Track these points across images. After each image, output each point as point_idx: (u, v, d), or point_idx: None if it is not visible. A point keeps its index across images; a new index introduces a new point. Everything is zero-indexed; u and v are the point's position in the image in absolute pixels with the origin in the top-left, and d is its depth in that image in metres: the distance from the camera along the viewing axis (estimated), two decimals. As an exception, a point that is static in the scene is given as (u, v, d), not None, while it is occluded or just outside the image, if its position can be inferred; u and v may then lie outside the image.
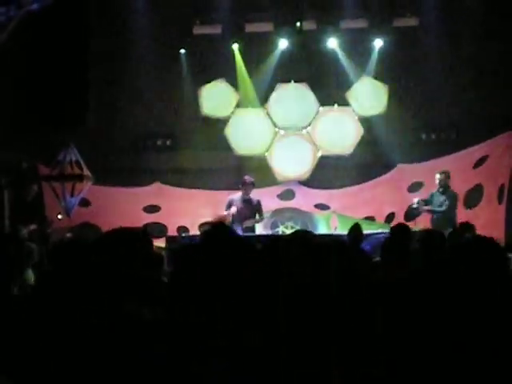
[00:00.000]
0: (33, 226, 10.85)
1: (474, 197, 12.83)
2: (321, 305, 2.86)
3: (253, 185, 11.40)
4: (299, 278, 2.91)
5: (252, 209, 11.34)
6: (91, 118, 14.01)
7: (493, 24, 13.31)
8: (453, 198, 11.46)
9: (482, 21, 13.42)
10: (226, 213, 11.21)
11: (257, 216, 11.44)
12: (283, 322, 2.80)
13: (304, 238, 3.69)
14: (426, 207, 11.56)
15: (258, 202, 11.42)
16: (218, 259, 2.96)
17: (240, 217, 11.13)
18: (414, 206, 11.66)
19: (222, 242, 3.10)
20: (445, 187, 11.47)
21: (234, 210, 11.13)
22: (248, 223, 11.25)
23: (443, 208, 11.33)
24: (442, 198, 11.44)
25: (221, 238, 3.14)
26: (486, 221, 11.69)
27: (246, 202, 11.29)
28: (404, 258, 5.24)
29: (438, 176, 11.56)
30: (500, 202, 12.61)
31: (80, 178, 12.30)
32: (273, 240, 3.71)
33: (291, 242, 3.62)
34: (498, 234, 11.10)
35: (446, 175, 11.56)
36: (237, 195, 11.39)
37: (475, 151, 13.00)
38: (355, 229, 8.34)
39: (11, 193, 12.45)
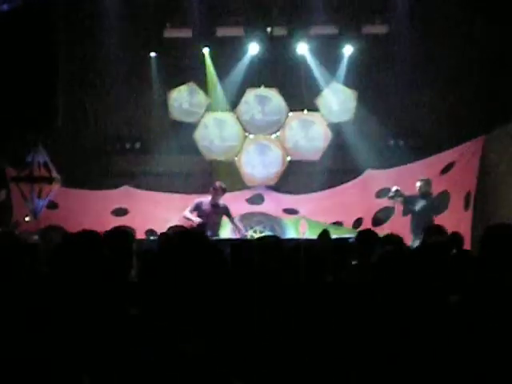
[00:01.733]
0: (-2, 229, 10.74)
1: (440, 203, 12.92)
2: (289, 305, 2.89)
3: (223, 191, 11.44)
4: (268, 279, 2.94)
5: (219, 213, 11.44)
6: (60, 120, 13.96)
7: (463, 31, 13.45)
8: (430, 203, 11.47)
9: (452, 28, 13.57)
10: (190, 215, 11.26)
11: (222, 219, 11.53)
12: (255, 321, 2.83)
13: (273, 242, 3.73)
14: (400, 199, 11.54)
15: (225, 207, 11.48)
16: (188, 263, 2.98)
17: (208, 221, 11.18)
18: (391, 194, 11.62)
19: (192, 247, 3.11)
20: (425, 194, 11.48)
21: (198, 220, 11.16)
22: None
23: (416, 208, 11.31)
24: (422, 201, 11.44)
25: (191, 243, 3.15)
26: (451, 227, 11.75)
27: (214, 206, 11.38)
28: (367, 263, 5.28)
29: (418, 184, 11.54)
30: (466, 209, 12.73)
31: (49, 180, 12.20)
32: (242, 244, 3.74)
33: (260, 246, 3.65)
34: (464, 237, 11.18)
35: (427, 182, 11.58)
36: (205, 199, 11.42)
37: (442, 157, 13.11)
38: (324, 235, 8.33)
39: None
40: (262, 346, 2.91)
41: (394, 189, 11.57)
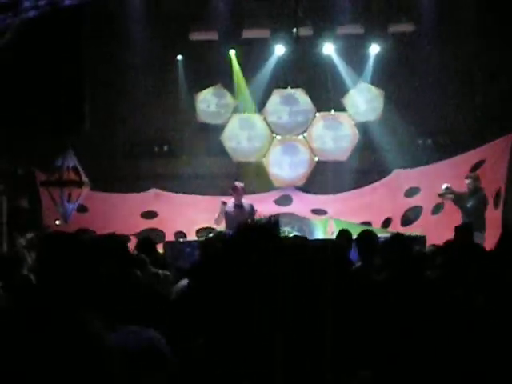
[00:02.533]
0: (30, 235, 10.85)
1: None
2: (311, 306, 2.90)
3: (243, 190, 11.36)
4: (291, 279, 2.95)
5: (245, 214, 11.28)
6: (88, 124, 14.04)
7: (489, 30, 13.36)
8: (481, 199, 11.31)
9: (478, 26, 13.48)
10: (216, 217, 11.26)
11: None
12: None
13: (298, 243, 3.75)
14: (451, 196, 11.36)
15: (251, 207, 11.36)
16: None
17: (233, 222, 11.07)
18: (441, 191, 11.46)
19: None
20: (475, 190, 11.30)
21: (221, 221, 11.17)
22: None
23: (467, 205, 11.13)
24: (473, 198, 11.26)
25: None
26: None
27: (238, 207, 11.25)
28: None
29: (467, 181, 11.37)
30: (496, 207, 12.61)
31: (78, 183, 12.31)
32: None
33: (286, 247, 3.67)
34: (494, 238, 11.08)
35: (475, 178, 11.41)
36: (230, 201, 11.36)
37: (472, 156, 13.02)
38: (342, 234, 8.21)
39: (8, 200, 12.46)
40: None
41: (444, 186, 11.41)
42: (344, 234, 8.20)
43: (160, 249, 10.87)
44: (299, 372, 2.78)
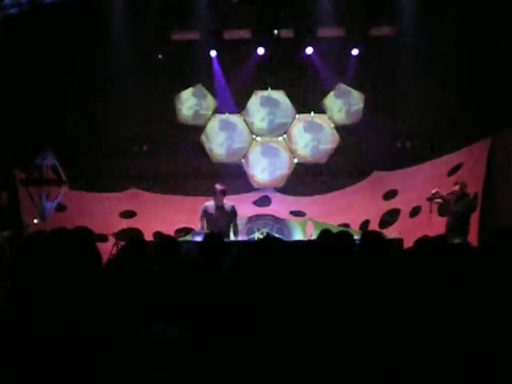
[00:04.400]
0: (7, 232, 10.79)
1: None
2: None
3: (223, 192, 11.24)
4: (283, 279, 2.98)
5: (227, 216, 11.22)
6: (68, 123, 14.02)
7: (470, 33, 13.44)
8: (468, 204, 11.38)
9: (458, 30, 13.55)
10: (202, 224, 11.14)
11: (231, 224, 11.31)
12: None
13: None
14: (439, 200, 11.41)
15: (233, 209, 11.24)
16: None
17: (215, 224, 11.04)
18: (430, 195, 11.46)
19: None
20: (463, 195, 11.35)
21: (203, 224, 11.10)
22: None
23: (455, 209, 11.19)
24: (460, 202, 11.31)
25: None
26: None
27: (220, 209, 11.17)
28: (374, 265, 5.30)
29: (456, 187, 11.38)
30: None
31: (57, 182, 12.29)
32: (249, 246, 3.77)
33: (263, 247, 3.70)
34: (473, 242, 11.18)
35: (463, 184, 11.46)
36: (211, 203, 11.26)
37: (450, 159, 13.10)
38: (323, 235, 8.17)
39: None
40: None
41: (433, 191, 11.47)
42: (325, 234, 8.18)
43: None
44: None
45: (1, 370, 2.73)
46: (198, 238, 9.85)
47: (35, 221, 12.52)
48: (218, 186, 11.18)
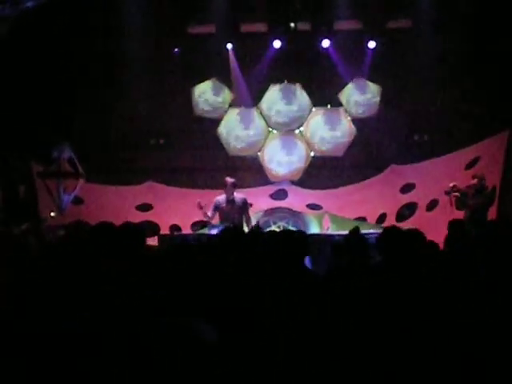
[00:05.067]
0: (25, 225, 10.83)
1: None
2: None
3: (234, 185, 11.20)
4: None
5: (237, 208, 11.18)
6: (84, 116, 14.05)
7: (486, 26, 13.35)
8: (486, 197, 11.32)
9: (475, 23, 13.47)
10: (209, 214, 11.12)
11: (243, 217, 11.26)
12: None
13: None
14: (456, 194, 11.35)
15: (243, 201, 11.20)
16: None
17: (227, 218, 11.01)
18: (448, 190, 11.40)
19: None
20: (481, 188, 11.30)
21: (211, 214, 11.09)
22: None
23: (472, 202, 11.12)
24: (478, 196, 11.25)
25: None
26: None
27: (231, 202, 11.13)
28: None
29: (474, 180, 11.33)
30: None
31: (74, 175, 12.33)
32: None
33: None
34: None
35: (481, 178, 11.41)
36: (222, 196, 11.24)
37: (467, 152, 13.02)
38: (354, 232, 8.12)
39: (3, 190, 12.47)
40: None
41: (451, 184, 11.40)
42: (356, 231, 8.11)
43: (154, 242, 10.87)
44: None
45: (1, 370, 2.73)
46: (214, 231, 9.83)
47: (52, 214, 12.57)
48: (229, 179, 11.16)
